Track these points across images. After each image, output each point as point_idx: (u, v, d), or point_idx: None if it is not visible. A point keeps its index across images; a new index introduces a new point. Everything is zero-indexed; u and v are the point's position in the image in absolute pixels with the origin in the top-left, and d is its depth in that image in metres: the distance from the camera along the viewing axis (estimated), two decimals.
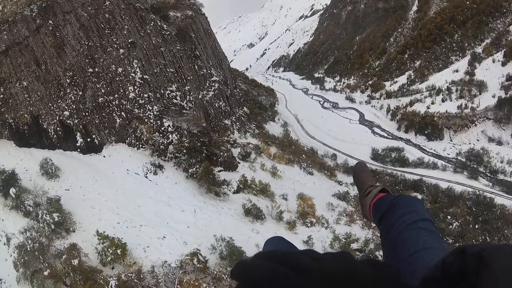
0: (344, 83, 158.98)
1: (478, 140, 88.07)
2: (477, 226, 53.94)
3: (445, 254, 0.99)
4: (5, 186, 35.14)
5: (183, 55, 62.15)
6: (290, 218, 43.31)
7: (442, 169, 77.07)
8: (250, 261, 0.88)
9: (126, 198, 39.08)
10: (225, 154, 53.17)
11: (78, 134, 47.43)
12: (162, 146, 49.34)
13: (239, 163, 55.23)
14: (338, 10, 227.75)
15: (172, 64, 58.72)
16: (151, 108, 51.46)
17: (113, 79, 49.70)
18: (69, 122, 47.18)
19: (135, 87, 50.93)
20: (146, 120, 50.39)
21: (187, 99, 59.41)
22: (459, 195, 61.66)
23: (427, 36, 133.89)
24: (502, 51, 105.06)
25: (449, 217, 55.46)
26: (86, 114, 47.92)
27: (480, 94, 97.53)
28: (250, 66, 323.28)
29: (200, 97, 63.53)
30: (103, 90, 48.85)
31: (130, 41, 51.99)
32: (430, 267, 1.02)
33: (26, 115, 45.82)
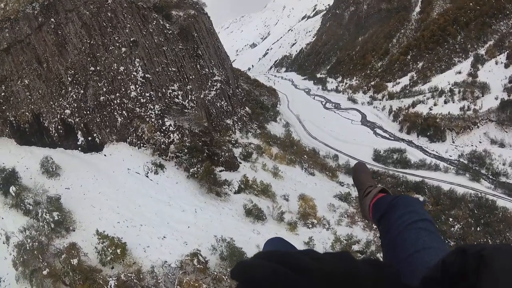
0: (346, 84, 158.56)
1: (480, 142, 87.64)
2: (479, 229, 53.68)
3: (445, 254, 0.99)
4: (5, 184, 35.01)
5: (185, 54, 62.01)
6: (291, 219, 43.06)
7: (444, 171, 76.72)
8: (250, 261, 0.88)
9: (126, 197, 38.94)
10: (226, 154, 52.99)
11: (79, 132, 47.33)
12: (163, 146, 49.19)
13: (241, 163, 55.04)
14: (340, 10, 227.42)
15: (174, 63, 58.57)
16: (153, 107, 51.31)
17: (114, 78, 49.58)
18: (70, 120, 47.10)
19: (137, 86, 50.80)
20: (147, 119, 50.25)
21: (189, 99, 59.26)
22: (461, 197, 61.41)
23: (430, 37, 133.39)
24: (505, 53, 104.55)
25: (451, 219, 55.21)
26: (87, 112, 47.82)
27: (482, 96, 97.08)
28: (252, 66, 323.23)
29: (202, 96, 63.37)
30: (105, 89, 48.74)
31: (132, 39, 51.85)
32: (430, 267, 1.02)
33: (27, 113, 45.76)
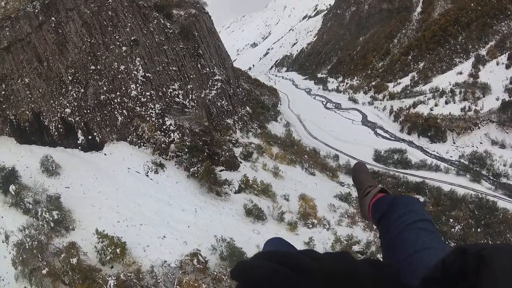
0: (347, 84, 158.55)
1: (481, 143, 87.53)
2: (479, 230, 53.60)
3: (444, 254, 0.99)
4: (5, 183, 34.94)
5: (186, 54, 61.92)
6: (292, 219, 42.96)
7: (445, 171, 76.67)
8: (250, 261, 0.88)
9: (126, 196, 38.85)
10: (227, 154, 52.90)
11: (79, 131, 47.25)
12: (163, 145, 49.10)
13: (241, 163, 54.95)
14: (342, 10, 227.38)
15: (174, 62, 58.48)
16: (153, 106, 51.22)
17: (115, 77, 49.50)
18: (70, 119, 47.02)
19: (137, 85, 50.71)
20: (147, 118, 50.16)
21: (190, 98, 59.18)
22: (462, 198, 61.33)
23: (431, 37, 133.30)
24: (507, 54, 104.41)
25: (451, 220, 55.11)
26: (88, 111, 47.74)
27: (483, 97, 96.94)
28: (253, 65, 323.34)
29: (202, 95, 63.28)
30: (105, 88, 48.66)
31: (132, 38, 51.76)
32: (430, 267, 1.02)
33: (27, 112, 45.69)
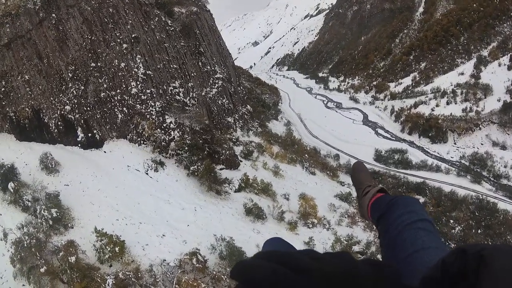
0: (348, 83, 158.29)
1: (482, 144, 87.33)
2: (479, 231, 53.50)
3: (444, 254, 0.99)
4: (4, 180, 34.78)
5: (187, 52, 61.68)
6: (292, 218, 42.81)
7: (446, 172, 76.54)
8: (250, 261, 0.88)
9: (126, 194, 38.67)
10: (227, 152, 52.71)
11: (79, 129, 47.05)
12: (163, 143, 48.89)
13: (241, 162, 54.77)
14: (343, 10, 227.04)
15: (175, 60, 58.25)
16: (154, 104, 51.01)
17: (115, 74, 49.27)
18: (70, 116, 46.81)
19: (138, 83, 50.49)
20: (148, 116, 49.95)
21: (190, 96, 58.95)
22: (462, 199, 61.20)
23: (433, 38, 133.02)
24: (509, 55, 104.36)
25: (452, 221, 55.01)
26: (88, 109, 47.52)
27: (485, 98, 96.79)
28: (254, 64, 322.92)
29: (203, 94, 63.06)
30: (105, 85, 48.42)
31: (133, 36, 51.52)
32: (430, 267, 1.02)
33: (27, 109, 45.48)
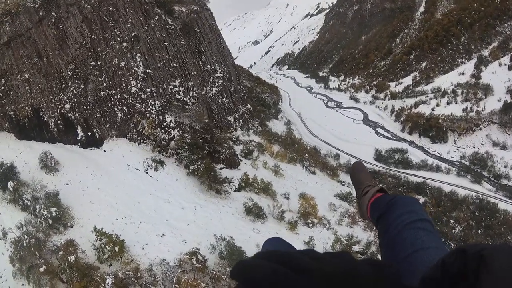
0: (348, 83, 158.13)
1: (482, 144, 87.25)
2: (480, 231, 53.45)
3: (443, 254, 0.99)
4: (3, 179, 34.66)
5: (187, 50, 61.51)
6: (292, 218, 42.72)
7: (446, 172, 76.46)
8: (250, 261, 0.88)
9: (125, 193, 38.57)
10: (227, 151, 52.61)
11: (79, 127, 46.95)
12: (163, 142, 48.77)
13: (241, 161, 54.67)
14: (344, 9, 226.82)
15: (176, 59, 58.10)
16: (153, 103, 50.87)
17: (115, 73, 49.14)
18: (70, 115, 46.69)
19: (138, 81, 50.35)
20: (148, 115, 49.82)
21: (190, 95, 58.81)
22: (463, 199, 61.13)
23: (434, 37, 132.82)
24: (509, 55, 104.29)
25: (452, 221, 54.95)
26: (88, 107, 47.41)
27: (485, 98, 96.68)
28: (255, 63, 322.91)
29: (203, 93, 62.92)
30: (105, 84, 48.29)
31: (133, 34, 51.37)
32: (430, 267, 1.02)
33: (26, 108, 45.34)
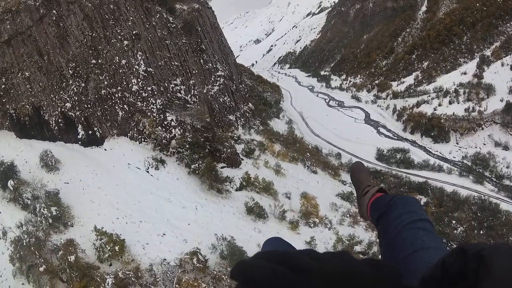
0: (350, 82, 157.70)
1: (484, 144, 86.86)
2: (482, 232, 53.15)
3: (443, 254, 0.99)
4: (3, 178, 34.51)
5: (189, 49, 61.28)
6: (293, 217, 42.54)
7: (448, 172, 76.14)
8: (250, 261, 0.88)
9: (126, 193, 38.41)
10: (228, 150, 52.40)
11: (80, 126, 46.76)
12: (164, 141, 48.60)
13: (243, 160, 54.45)
14: (346, 8, 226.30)
15: (177, 57, 57.88)
16: (155, 101, 50.69)
17: (116, 71, 48.95)
18: (70, 114, 46.51)
19: (139, 80, 50.17)
20: (149, 113, 49.65)
21: (192, 93, 58.60)
22: (464, 200, 60.83)
23: (436, 37, 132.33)
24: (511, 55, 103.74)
25: (454, 221, 54.67)
26: (88, 106, 47.23)
27: (488, 98, 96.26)
28: (256, 62, 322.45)
29: (204, 91, 62.70)
30: (106, 82, 48.12)
31: (134, 32, 51.17)
32: (430, 267, 1.01)
33: (27, 106, 45.15)
